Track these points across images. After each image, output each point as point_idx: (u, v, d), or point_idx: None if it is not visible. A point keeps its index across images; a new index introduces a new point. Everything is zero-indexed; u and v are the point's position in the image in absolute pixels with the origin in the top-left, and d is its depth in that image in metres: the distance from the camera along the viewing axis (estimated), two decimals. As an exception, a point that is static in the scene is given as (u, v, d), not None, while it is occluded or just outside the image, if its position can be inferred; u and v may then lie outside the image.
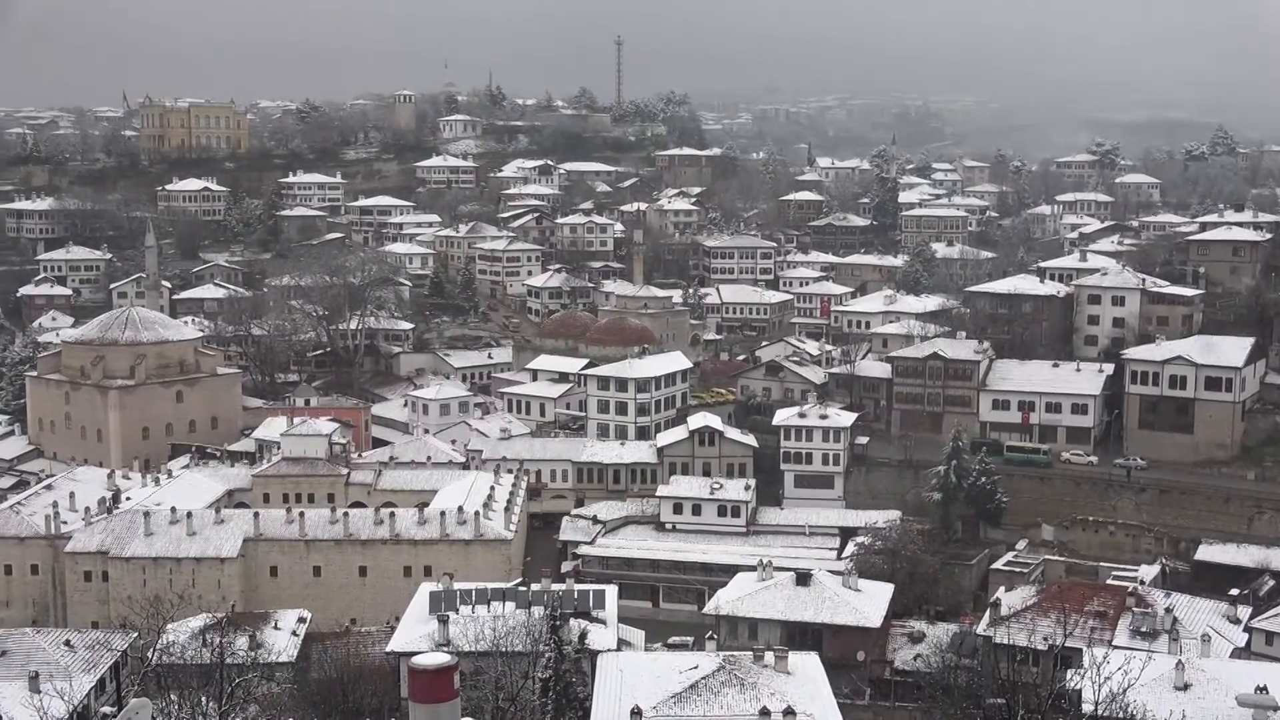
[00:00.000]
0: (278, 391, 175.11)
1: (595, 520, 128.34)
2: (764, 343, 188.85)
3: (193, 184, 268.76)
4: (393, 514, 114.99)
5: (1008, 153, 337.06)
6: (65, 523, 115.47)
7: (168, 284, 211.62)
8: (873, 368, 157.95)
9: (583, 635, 75.84)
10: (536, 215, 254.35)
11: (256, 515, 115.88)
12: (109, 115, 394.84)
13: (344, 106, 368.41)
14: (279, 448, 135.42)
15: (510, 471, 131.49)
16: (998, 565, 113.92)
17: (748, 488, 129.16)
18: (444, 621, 79.55)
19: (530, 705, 68.57)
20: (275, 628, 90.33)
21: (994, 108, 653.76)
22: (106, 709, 56.16)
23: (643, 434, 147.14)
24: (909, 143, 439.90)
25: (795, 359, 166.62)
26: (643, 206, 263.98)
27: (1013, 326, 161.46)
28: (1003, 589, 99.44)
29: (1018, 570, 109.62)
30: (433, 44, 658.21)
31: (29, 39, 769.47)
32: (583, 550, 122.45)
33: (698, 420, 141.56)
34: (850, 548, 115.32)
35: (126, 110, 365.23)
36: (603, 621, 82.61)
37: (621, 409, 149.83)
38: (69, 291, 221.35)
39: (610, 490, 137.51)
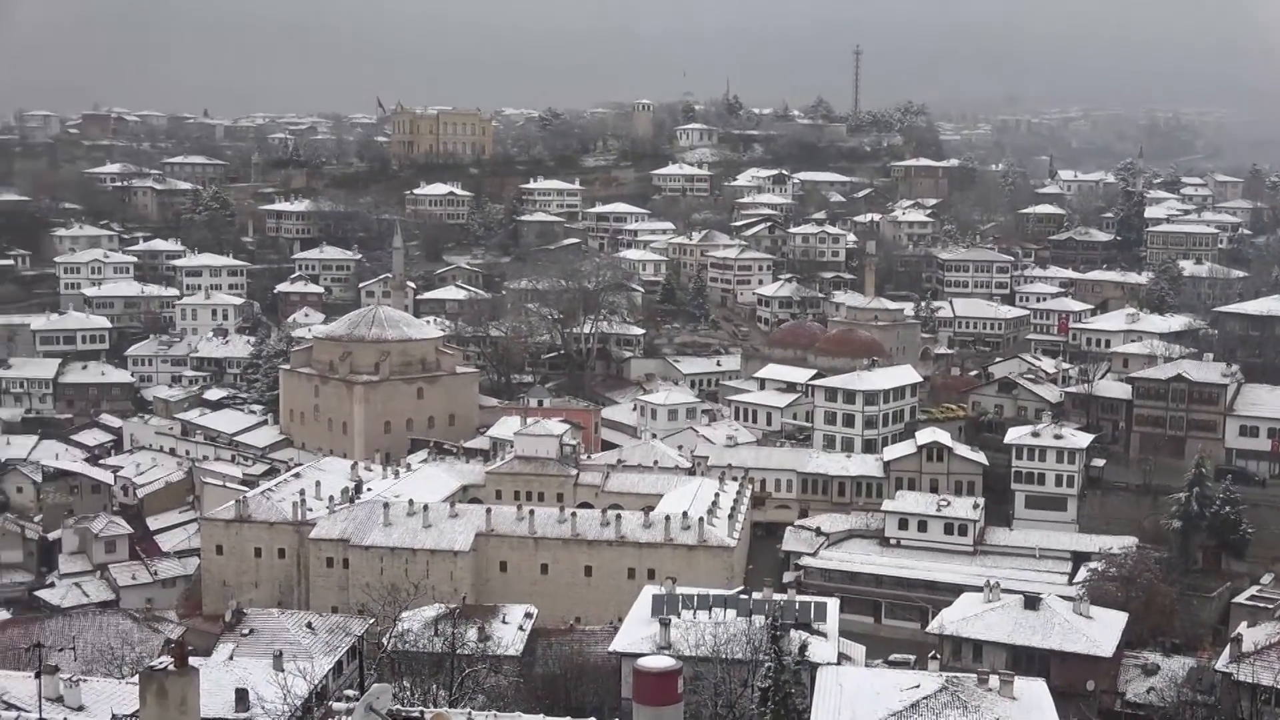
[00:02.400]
0: (512, 391, 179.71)
1: (818, 532, 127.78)
2: (998, 359, 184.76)
3: (439, 188, 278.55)
4: (619, 516, 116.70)
5: (1264, 167, 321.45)
6: (311, 510, 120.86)
7: (412, 284, 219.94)
8: (1112, 388, 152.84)
9: (803, 647, 75.62)
10: (769, 224, 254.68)
11: (489, 511, 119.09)
12: (363, 121, 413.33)
13: (584, 115, 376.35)
14: (512, 446, 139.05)
15: (735, 479, 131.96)
16: (1240, 599, 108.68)
17: (976, 506, 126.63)
18: (665, 625, 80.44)
19: (748, 714, 68.89)
20: (503, 621, 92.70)
21: (1249, 121, 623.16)
22: (350, 692, 58.84)
23: (869, 447, 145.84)
24: (1157, 156, 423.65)
25: (1030, 376, 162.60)
26: (876, 217, 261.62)
27: (1264, 350, 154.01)
28: (1245, 624, 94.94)
29: (1262, 606, 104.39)
30: (672, 53, 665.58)
31: (291, 49, 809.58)
32: (805, 561, 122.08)
33: (926, 435, 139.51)
34: (1082, 573, 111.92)
35: (380, 117, 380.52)
36: (824, 634, 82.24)
37: (849, 421, 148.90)
38: (321, 289, 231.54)
39: (834, 502, 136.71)
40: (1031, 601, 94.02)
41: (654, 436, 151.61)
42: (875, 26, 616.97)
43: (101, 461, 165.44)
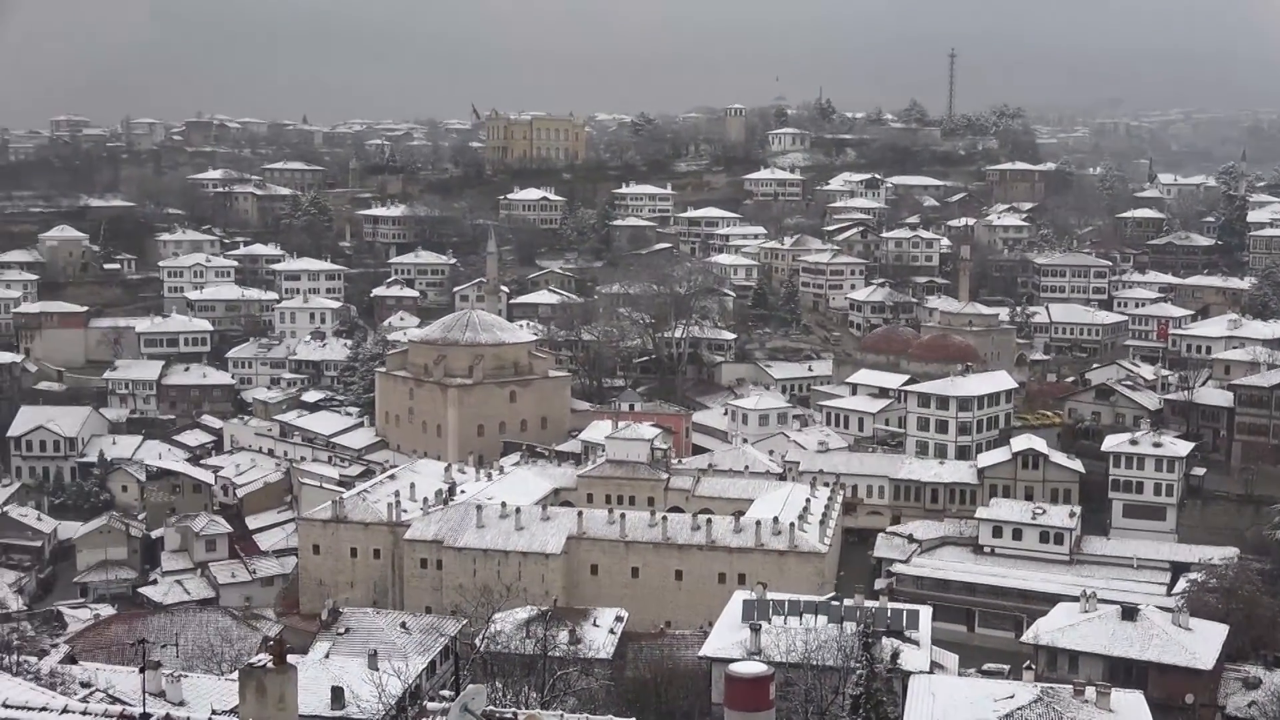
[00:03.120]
0: (604, 395, 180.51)
1: (911, 539, 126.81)
2: (1095, 365, 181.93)
3: (532, 193, 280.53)
4: (709, 520, 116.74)
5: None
6: (405, 511, 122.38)
7: (506, 289, 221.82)
8: (1213, 395, 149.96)
9: (895, 654, 75.18)
10: (862, 229, 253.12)
11: (580, 514, 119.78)
12: (458, 128, 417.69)
13: (676, 119, 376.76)
14: (603, 450, 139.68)
15: (826, 485, 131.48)
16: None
17: (1072, 515, 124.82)
18: (756, 630, 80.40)
19: (839, 721, 68.65)
20: (594, 624, 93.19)
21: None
22: (445, 692, 59.59)
23: (963, 453, 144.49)
24: (1262, 159, 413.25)
25: (1128, 383, 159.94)
26: (971, 221, 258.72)
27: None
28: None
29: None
30: (764, 58, 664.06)
31: (388, 56, 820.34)
32: (897, 569, 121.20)
33: (1021, 442, 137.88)
34: (1181, 584, 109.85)
35: (475, 123, 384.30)
36: (916, 642, 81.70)
37: (942, 427, 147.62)
38: (416, 293, 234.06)
39: (927, 509, 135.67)
40: (1129, 612, 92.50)
41: (745, 441, 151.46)
42: (971, 29, 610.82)
43: (202, 462, 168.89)
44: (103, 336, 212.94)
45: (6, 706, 23.48)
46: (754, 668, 29.26)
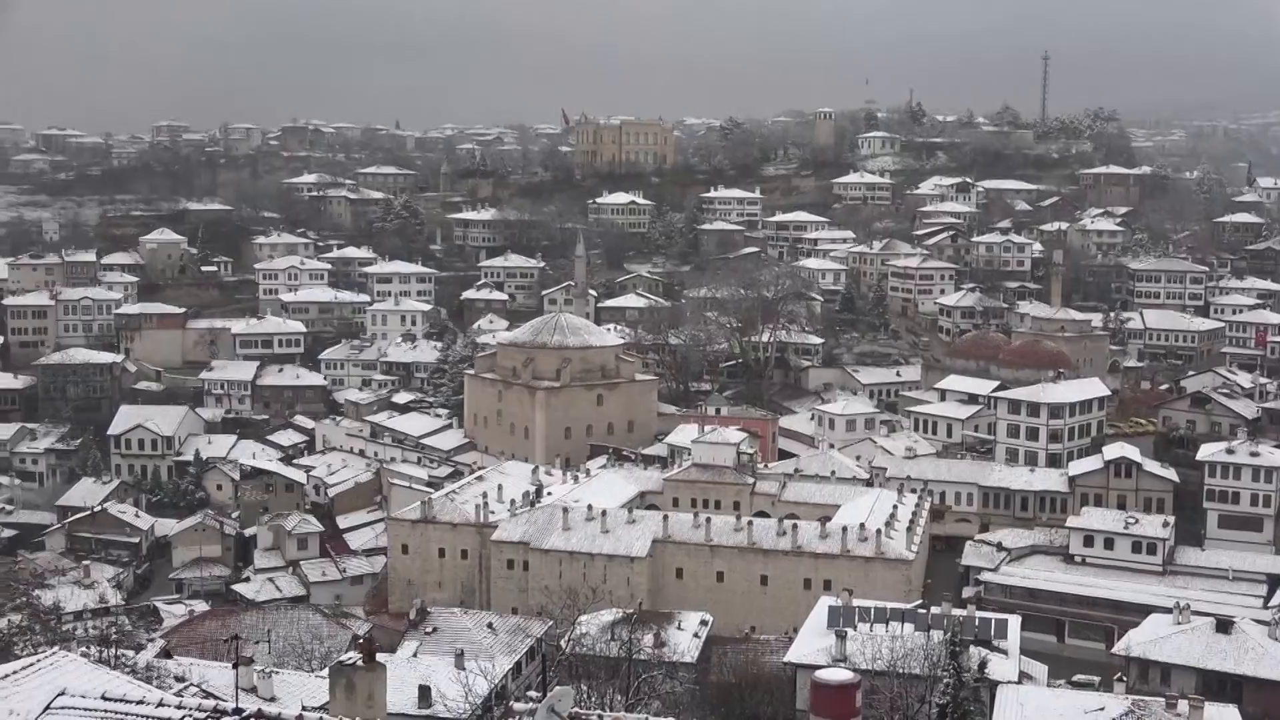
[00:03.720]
0: (690, 399, 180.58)
1: (1000, 547, 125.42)
2: (1190, 372, 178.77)
3: (620, 197, 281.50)
4: (795, 526, 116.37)
5: None
6: (493, 512, 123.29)
7: (594, 292, 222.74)
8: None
9: (983, 664, 74.39)
10: (952, 233, 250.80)
11: (666, 518, 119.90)
12: (548, 132, 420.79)
13: (765, 123, 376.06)
14: (689, 454, 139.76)
15: (914, 491, 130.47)
16: None
17: (1166, 525, 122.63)
18: (842, 637, 79.96)
19: (925, 729, 68.12)
20: (679, 628, 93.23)
21: None
22: (532, 693, 60.12)
23: (1054, 461, 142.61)
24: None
25: (1225, 391, 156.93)
26: (1064, 226, 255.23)
27: None
28: None
29: None
30: (854, 61, 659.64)
31: (479, 61, 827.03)
32: (985, 577, 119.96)
33: (1114, 450, 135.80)
34: (1279, 597, 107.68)
35: (564, 127, 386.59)
36: (1004, 652, 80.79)
37: (1032, 434, 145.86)
38: (505, 296, 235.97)
39: (1016, 517, 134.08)
40: (1224, 625, 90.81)
41: (831, 446, 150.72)
42: (1065, 31, 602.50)
43: (295, 461, 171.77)
44: (200, 337, 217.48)
45: (106, 699, 24.16)
46: (841, 675, 29.12)
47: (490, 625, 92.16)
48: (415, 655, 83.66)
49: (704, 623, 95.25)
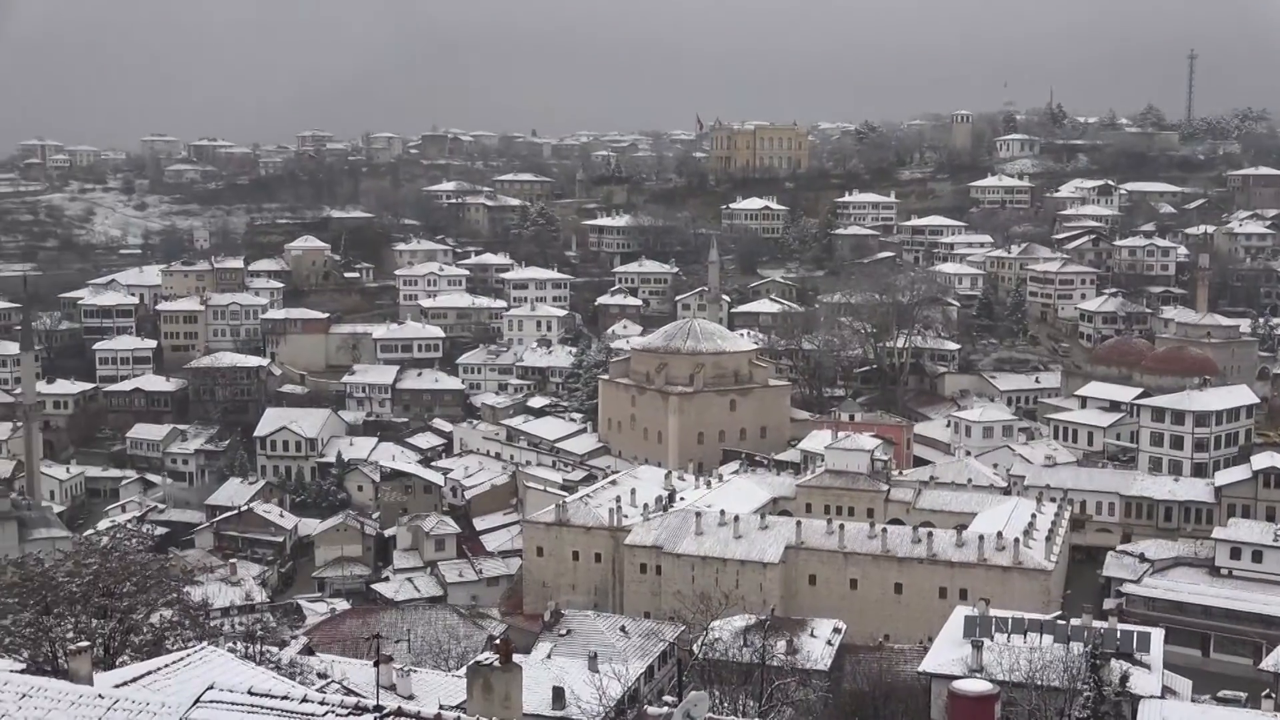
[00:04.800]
0: (824, 405, 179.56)
1: (1142, 558, 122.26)
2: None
3: (754, 203, 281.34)
4: (930, 534, 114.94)
5: None
6: (626, 516, 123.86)
7: (727, 297, 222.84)
8: None
9: (1124, 678, 72.86)
10: (1093, 237, 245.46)
11: (799, 524, 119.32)
12: (682, 138, 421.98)
13: (901, 127, 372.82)
14: (822, 460, 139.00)
15: (1053, 500, 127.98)
16: None
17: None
18: (978, 647, 78.92)
19: (1063, 743, 66.98)
20: (811, 635, 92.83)
21: None
22: (668, 698, 60.52)
23: (1199, 471, 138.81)
24: None
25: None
26: (1210, 229, 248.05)
27: None
28: None
29: None
30: (992, 64, 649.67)
31: (614, 69, 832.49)
32: (1128, 589, 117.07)
33: (1263, 460, 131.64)
34: None
35: (698, 133, 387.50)
36: (1146, 666, 78.95)
37: (1177, 443, 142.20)
38: (639, 302, 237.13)
39: (1160, 528, 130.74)
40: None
41: (968, 454, 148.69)
42: (1210, 30, 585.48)
43: (433, 464, 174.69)
44: (342, 342, 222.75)
45: (252, 694, 24.98)
46: (979, 686, 28.91)
47: (623, 628, 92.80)
48: (549, 657, 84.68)
49: (837, 630, 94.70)
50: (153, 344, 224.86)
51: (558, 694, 74.25)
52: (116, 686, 29.95)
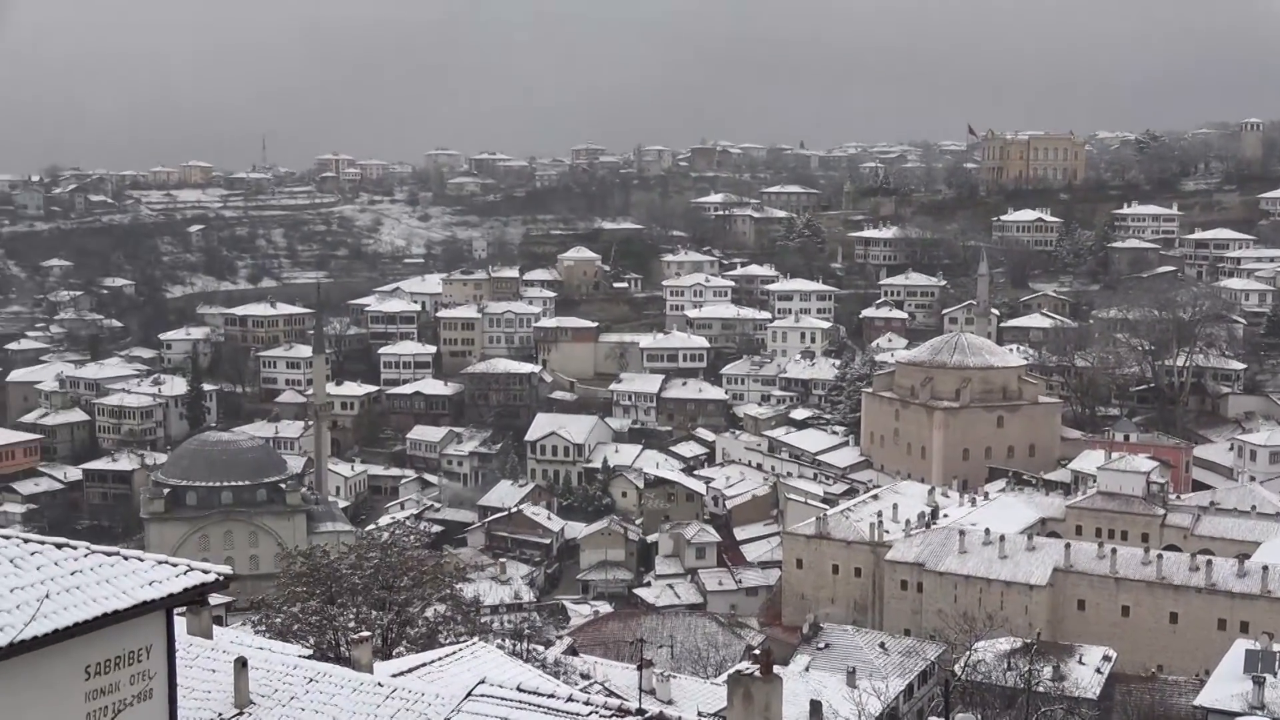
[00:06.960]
0: (1097, 424, 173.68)
1: None
2: None
3: (1026, 214, 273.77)
4: (1209, 562, 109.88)
5: None
6: (887, 532, 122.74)
7: (996, 311, 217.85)
8: None
9: None
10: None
11: (1068, 546, 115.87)
12: (953, 149, 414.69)
13: (1185, 136, 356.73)
14: (1094, 481, 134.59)
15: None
16: None
17: None
18: (1259, 683, 75.29)
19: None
20: (1080, 662, 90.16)
21: None
22: (933, 719, 60.20)
23: None
24: None
25: None
26: None
27: None
28: None
29: None
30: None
31: (885, 80, 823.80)
32: None
33: None
34: None
35: (970, 143, 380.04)
36: None
37: None
38: (904, 315, 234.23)
39: None
40: None
41: (1253, 479, 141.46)
42: None
43: (695, 472, 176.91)
44: (610, 351, 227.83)
45: (521, 690, 25.96)
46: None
47: (882, 645, 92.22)
48: (807, 670, 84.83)
49: (1107, 658, 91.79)
50: (432, 349, 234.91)
51: (815, 707, 74.33)
52: (394, 676, 31.74)
